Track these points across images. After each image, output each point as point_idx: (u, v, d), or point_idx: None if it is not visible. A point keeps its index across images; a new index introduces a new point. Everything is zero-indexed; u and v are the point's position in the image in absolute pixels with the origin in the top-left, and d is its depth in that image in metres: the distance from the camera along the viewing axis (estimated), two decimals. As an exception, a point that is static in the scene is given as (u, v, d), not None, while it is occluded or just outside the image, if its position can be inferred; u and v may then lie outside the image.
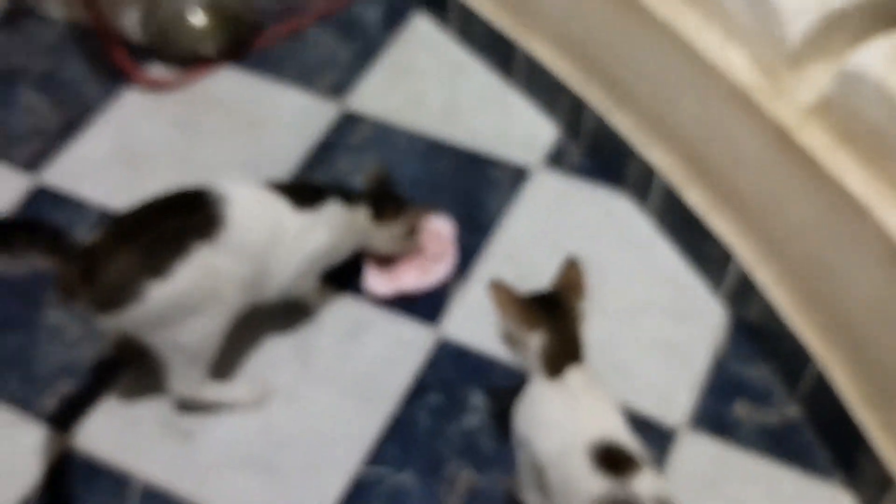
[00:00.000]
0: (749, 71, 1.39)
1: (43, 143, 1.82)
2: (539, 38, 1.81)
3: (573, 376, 1.22)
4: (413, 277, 1.60)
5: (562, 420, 1.21)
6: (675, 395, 1.49)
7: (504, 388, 1.47)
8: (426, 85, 1.92)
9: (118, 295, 1.29)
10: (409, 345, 1.55)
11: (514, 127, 1.84)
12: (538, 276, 1.33)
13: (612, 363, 1.50)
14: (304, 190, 1.49)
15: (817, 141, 1.31)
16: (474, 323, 1.57)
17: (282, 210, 1.44)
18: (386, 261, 1.61)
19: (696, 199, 1.57)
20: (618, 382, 1.45)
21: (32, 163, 1.79)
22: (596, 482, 1.13)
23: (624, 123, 1.67)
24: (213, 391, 1.45)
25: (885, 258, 1.24)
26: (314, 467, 1.42)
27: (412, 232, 1.58)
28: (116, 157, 1.80)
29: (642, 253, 1.66)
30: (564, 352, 1.23)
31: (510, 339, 1.28)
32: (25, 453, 1.42)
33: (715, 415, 1.47)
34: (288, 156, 1.79)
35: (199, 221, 1.35)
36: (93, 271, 1.28)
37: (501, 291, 1.24)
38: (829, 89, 1.29)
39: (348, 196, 1.51)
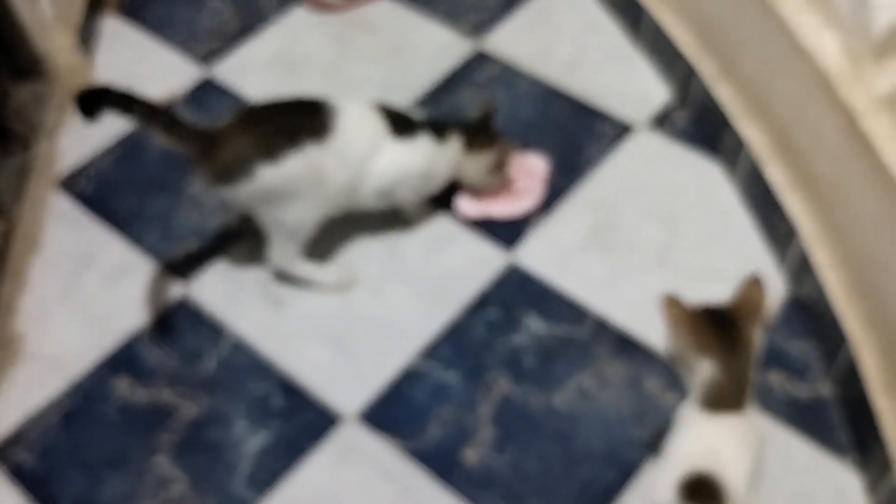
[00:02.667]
0: (837, 57, 1.43)
1: (219, 42, 2.08)
2: (667, 5, 1.88)
3: (726, 421, 1.19)
4: (499, 206, 1.74)
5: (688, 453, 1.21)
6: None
7: (555, 317, 1.61)
8: (559, 36, 2.04)
9: (234, 170, 1.50)
10: (483, 263, 1.69)
11: (629, 86, 1.93)
12: (616, 227, 1.38)
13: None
14: (403, 121, 1.64)
15: (881, 130, 1.33)
16: (545, 255, 1.69)
17: (381, 133, 1.61)
18: (477, 190, 1.75)
19: (776, 174, 1.62)
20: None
21: (207, 57, 2.06)
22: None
23: (726, 96, 1.73)
24: (306, 269, 1.66)
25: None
26: (377, 351, 1.60)
27: (500, 166, 1.70)
28: (277, 63, 2.04)
29: (722, 220, 1.72)
30: (729, 396, 1.19)
31: (675, 355, 1.23)
32: (149, 292, 1.69)
33: (749, 379, 1.53)
34: (419, 82, 1.97)
35: (314, 124, 1.54)
36: (215, 148, 1.50)
37: (676, 307, 1.19)
38: (905, 83, 1.32)
39: (441, 131, 1.66)
